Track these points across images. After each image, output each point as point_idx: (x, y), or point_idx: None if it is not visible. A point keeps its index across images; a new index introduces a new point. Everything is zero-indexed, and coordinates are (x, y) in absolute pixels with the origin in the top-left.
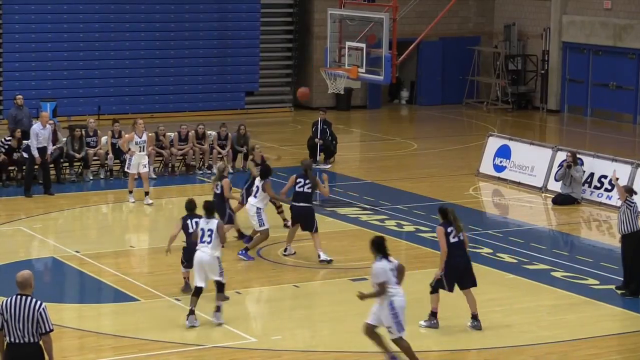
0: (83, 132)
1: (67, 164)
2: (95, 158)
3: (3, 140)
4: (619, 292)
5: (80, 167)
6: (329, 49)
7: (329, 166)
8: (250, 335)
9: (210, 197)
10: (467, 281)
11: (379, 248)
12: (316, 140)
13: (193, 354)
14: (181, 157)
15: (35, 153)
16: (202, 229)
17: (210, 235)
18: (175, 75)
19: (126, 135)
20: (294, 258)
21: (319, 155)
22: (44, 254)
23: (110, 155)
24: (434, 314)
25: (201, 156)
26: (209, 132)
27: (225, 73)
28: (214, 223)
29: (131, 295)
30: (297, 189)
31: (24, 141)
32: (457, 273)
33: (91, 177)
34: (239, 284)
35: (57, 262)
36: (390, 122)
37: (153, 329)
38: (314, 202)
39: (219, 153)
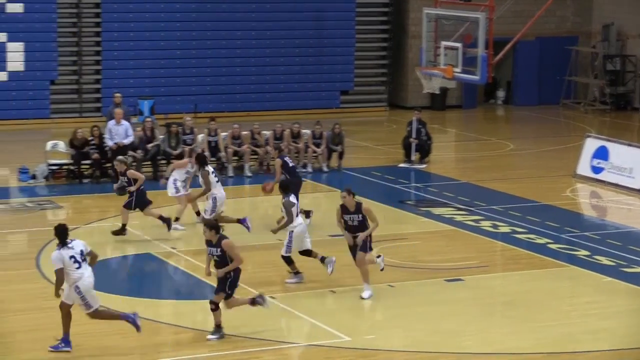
0: (179, 129)
1: (164, 161)
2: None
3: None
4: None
5: None
6: (425, 49)
7: (424, 166)
8: (344, 334)
9: None
10: None
11: (60, 236)
12: (411, 139)
13: (287, 352)
14: None
15: (110, 143)
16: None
17: None
18: (271, 73)
19: (179, 162)
20: (390, 258)
21: (414, 154)
22: (140, 250)
23: (207, 153)
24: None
25: (296, 154)
26: (303, 130)
27: (320, 72)
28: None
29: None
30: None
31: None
32: None
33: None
34: (333, 282)
35: (153, 258)
36: (486, 122)
37: (248, 326)
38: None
39: (314, 151)
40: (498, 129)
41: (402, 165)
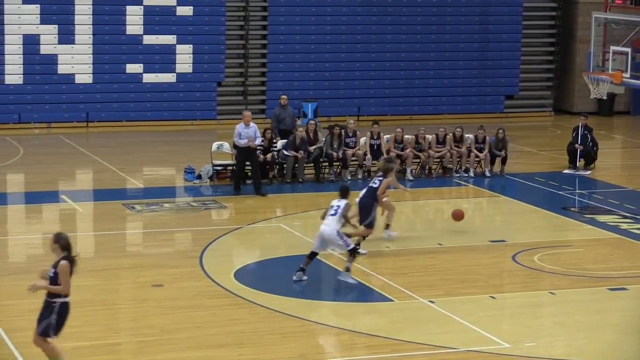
0: (342, 132)
1: (326, 164)
2: (353, 158)
3: None
4: None
5: (339, 167)
6: (593, 53)
7: (588, 172)
8: (503, 340)
9: None
10: None
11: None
12: (576, 145)
13: (445, 357)
14: (438, 160)
15: (241, 142)
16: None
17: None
18: (435, 77)
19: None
20: (552, 265)
21: (579, 161)
22: (302, 251)
23: (369, 156)
24: None
25: (458, 159)
26: (466, 135)
27: (485, 76)
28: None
29: (386, 296)
30: None
31: (282, 140)
32: None
33: (349, 177)
34: (493, 288)
35: (314, 259)
36: None
37: (406, 329)
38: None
39: (477, 156)
40: None
41: (566, 171)
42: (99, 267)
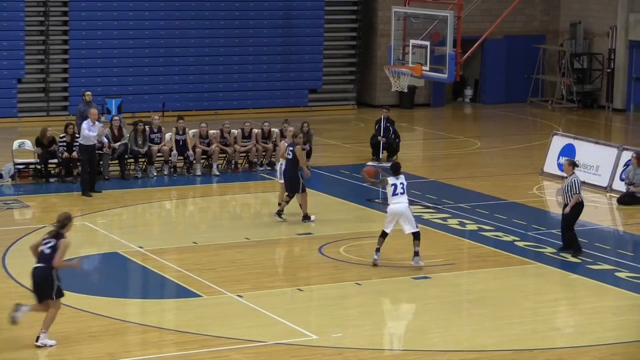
0: (146, 127)
1: (131, 160)
2: (159, 154)
3: (59, 138)
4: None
5: (145, 163)
6: (393, 47)
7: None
8: (311, 332)
9: None
10: None
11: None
12: (379, 138)
13: (254, 350)
14: (244, 154)
15: (90, 138)
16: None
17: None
18: (239, 72)
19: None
20: (357, 256)
21: (382, 153)
22: (107, 249)
23: (174, 152)
24: None
25: (264, 153)
26: (272, 129)
27: (288, 70)
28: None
29: (194, 292)
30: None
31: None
32: None
33: (155, 174)
34: (300, 280)
35: (120, 257)
36: (454, 120)
37: (215, 324)
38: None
39: None
40: (466, 127)
41: (370, 163)
42: None
